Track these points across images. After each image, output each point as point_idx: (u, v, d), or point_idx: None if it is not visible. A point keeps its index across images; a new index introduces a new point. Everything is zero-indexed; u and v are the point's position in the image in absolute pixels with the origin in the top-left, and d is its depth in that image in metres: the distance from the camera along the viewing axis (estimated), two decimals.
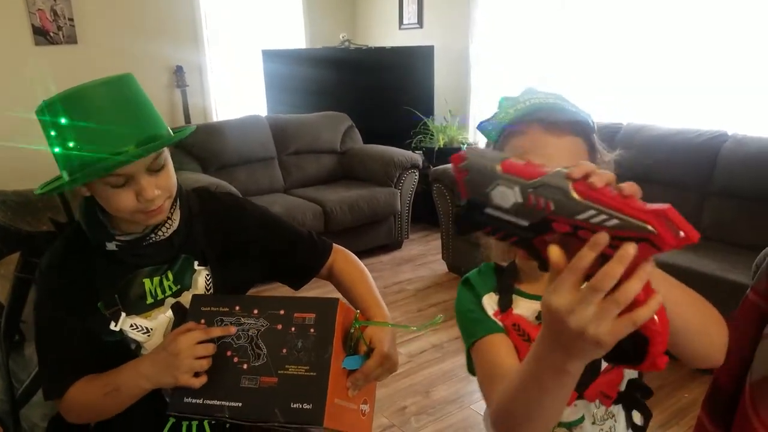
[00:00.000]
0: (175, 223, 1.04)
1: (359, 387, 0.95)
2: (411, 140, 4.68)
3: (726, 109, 3.27)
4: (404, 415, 2.31)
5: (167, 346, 0.92)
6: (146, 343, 1.02)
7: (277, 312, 0.94)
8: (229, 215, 1.12)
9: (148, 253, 1.03)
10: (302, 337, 0.91)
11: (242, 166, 4.03)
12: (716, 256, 2.64)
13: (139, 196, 0.94)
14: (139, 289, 1.02)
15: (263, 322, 0.93)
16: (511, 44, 4.44)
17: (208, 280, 1.07)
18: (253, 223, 1.14)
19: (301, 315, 0.93)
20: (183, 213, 1.06)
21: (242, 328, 0.94)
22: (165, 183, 0.97)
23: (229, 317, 0.95)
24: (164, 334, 1.02)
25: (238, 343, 0.93)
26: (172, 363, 0.90)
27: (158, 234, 1.02)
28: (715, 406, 0.94)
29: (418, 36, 5.17)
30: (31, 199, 1.14)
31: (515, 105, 0.86)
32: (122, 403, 0.97)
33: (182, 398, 0.92)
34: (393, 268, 3.82)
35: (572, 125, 0.84)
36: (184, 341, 0.91)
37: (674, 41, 3.47)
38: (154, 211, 0.97)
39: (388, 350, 0.96)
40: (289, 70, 4.90)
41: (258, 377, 0.90)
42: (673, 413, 2.27)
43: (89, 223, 1.01)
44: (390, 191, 4.04)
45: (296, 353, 0.90)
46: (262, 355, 0.91)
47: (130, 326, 1.00)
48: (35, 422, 1.12)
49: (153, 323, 1.02)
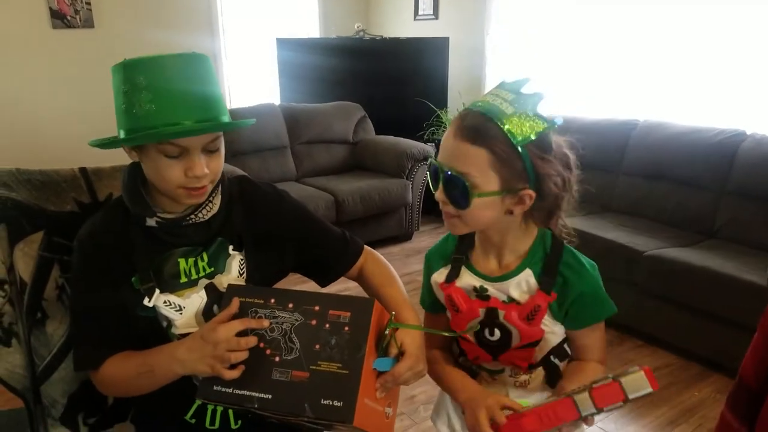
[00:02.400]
0: (215, 207, 1.05)
1: (387, 389, 0.95)
2: (423, 132, 4.67)
3: (745, 108, 3.24)
4: (413, 403, 2.32)
5: (205, 335, 0.92)
6: (177, 321, 1.03)
7: (311, 307, 0.93)
8: (268, 204, 1.13)
9: (186, 233, 1.04)
10: (336, 334, 0.90)
11: (255, 154, 4.04)
12: (730, 255, 2.61)
13: (188, 170, 0.95)
14: (173, 268, 1.03)
15: (297, 317, 0.93)
16: (527, 38, 4.41)
17: (242, 265, 1.07)
18: (291, 215, 1.15)
19: (336, 312, 0.92)
20: (223, 198, 1.07)
21: (276, 321, 0.94)
22: (215, 166, 0.99)
23: (263, 309, 0.95)
24: (196, 314, 1.03)
25: (272, 335, 0.93)
26: (210, 353, 0.90)
27: (198, 216, 1.03)
28: (739, 404, 0.93)
29: (433, 27, 5.15)
30: (55, 179, 1.15)
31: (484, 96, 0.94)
32: (154, 383, 0.99)
33: (212, 386, 0.92)
34: (403, 260, 3.82)
35: (473, 134, 0.90)
36: (223, 332, 0.90)
37: (694, 38, 3.44)
38: (197, 191, 0.98)
39: (419, 355, 0.96)
40: (303, 59, 4.90)
41: (290, 371, 0.90)
42: (682, 411, 2.27)
43: (132, 196, 1.02)
44: (402, 183, 4.04)
45: (329, 350, 0.89)
46: (294, 350, 0.91)
47: (163, 302, 1.01)
48: (55, 398, 1.13)
49: (186, 302, 1.03)
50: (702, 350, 2.55)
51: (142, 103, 0.90)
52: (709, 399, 2.35)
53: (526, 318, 1.00)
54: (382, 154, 4.22)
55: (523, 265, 1.01)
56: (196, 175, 0.95)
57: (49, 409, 1.13)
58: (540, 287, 0.99)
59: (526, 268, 1.01)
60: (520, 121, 0.89)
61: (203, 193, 1.00)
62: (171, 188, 0.97)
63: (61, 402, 1.14)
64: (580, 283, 0.99)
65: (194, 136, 0.93)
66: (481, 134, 0.89)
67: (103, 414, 1.19)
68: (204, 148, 0.96)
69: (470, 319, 1.04)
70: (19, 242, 1.10)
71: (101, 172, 1.20)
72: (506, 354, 1.04)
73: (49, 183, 1.14)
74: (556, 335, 1.04)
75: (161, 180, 0.97)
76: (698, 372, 2.52)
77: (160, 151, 0.94)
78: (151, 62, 0.91)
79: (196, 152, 0.95)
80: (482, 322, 1.03)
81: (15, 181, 1.11)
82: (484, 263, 1.05)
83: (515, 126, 0.89)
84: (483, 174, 0.91)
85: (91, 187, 1.18)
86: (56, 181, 1.15)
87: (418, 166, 4.11)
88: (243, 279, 1.07)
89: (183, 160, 0.95)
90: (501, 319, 1.01)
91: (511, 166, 0.90)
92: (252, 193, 1.13)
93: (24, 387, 1.12)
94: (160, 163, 0.95)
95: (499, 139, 0.89)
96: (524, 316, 1.00)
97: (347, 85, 4.66)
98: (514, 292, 1.01)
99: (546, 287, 0.99)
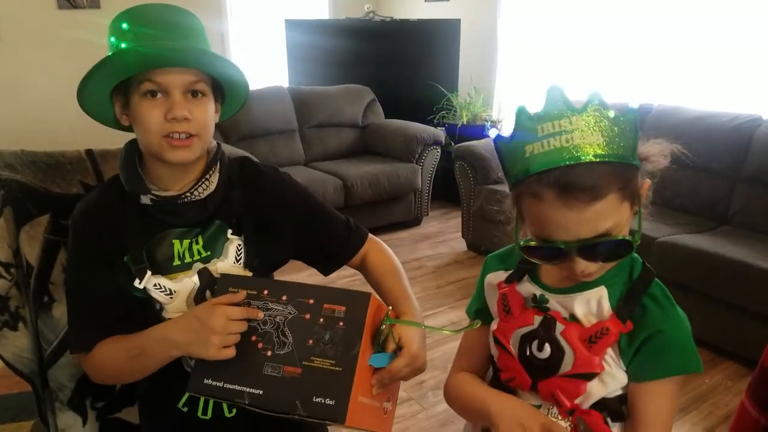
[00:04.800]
0: (212, 185, 1.02)
1: (384, 385, 0.92)
2: (434, 116, 4.62)
3: (762, 93, 3.17)
4: (422, 389, 2.32)
5: (201, 317, 0.90)
6: (168, 305, 1.00)
7: (306, 300, 0.90)
8: (271, 188, 1.10)
9: (180, 211, 1.01)
10: (330, 329, 0.87)
11: (263, 137, 4.02)
12: (744, 242, 2.58)
13: (168, 113, 0.92)
14: (167, 250, 1.01)
15: (291, 310, 0.90)
16: (540, 21, 4.34)
17: (239, 250, 1.04)
18: (294, 200, 1.11)
19: (331, 306, 0.89)
20: (222, 178, 1.04)
21: (269, 314, 0.91)
22: (200, 114, 0.95)
23: (256, 300, 0.92)
24: (187, 299, 1.01)
25: (264, 328, 0.90)
26: (206, 336, 0.88)
27: (194, 194, 1.00)
28: (760, 393, 0.91)
29: (445, 9, 5.07)
30: (61, 161, 1.13)
31: (530, 142, 0.77)
32: (147, 367, 0.97)
33: (202, 379, 0.90)
34: (412, 245, 3.79)
35: (593, 192, 0.74)
36: (220, 315, 0.88)
37: (711, 21, 3.36)
38: (180, 141, 0.94)
39: (418, 350, 0.92)
40: (312, 40, 4.85)
41: (281, 366, 0.87)
42: (693, 398, 2.25)
43: (127, 171, 1.00)
44: (411, 167, 4.01)
45: (323, 345, 0.86)
46: (287, 344, 0.88)
47: (153, 285, 0.98)
48: (63, 383, 1.13)
49: (177, 285, 1.00)
50: (713, 337, 2.52)
51: (124, 44, 0.90)
52: (720, 386, 2.33)
53: (588, 340, 0.83)
54: (392, 138, 4.18)
55: (599, 282, 0.85)
56: (176, 117, 0.92)
57: (56, 393, 1.12)
58: (615, 312, 0.83)
59: (602, 285, 0.85)
60: (615, 135, 0.76)
61: (189, 145, 0.95)
62: (155, 140, 0.94)
63: (69, 386, 1.13)
64: (663, 320, 0.82)
65: (171, 66, 0.92)
66: (602, 184, 0.75)
67: (111, 398, 1.19)
68: (186, 90, 0.94)
69: (521, 326, 0.89)
70: (24, 225, 1.09)
71: (108, 154, 1.18)
72: (550, 381, 0.85)
73: (54, 165, 1.12)
74: (615, 381, 0.84)
75: (145, 129, 0.94)
76: (709, 359, 2.49)
77: (141, 93, 0.92)
78: (136, 9, 0.93)
79: (177, 91, 0.93)
80: (533, 333, 0.87)
81: (20, 162, 1.09)
82: (552, 276, 0.90)
83: (619, 146, 0.76)
84: (618, 214, 0.77)
85: (97, 169, 1.16)
86: (62, 163, 1.13)
87: (428, 151, 4.07)
88: (240, 265, 1.04)
89: (164, 104, 0.93)
90: (557, 332, 0.85)
91: (632, 180, 0.79)
92: (253, 175, 1.10)
93: (31, 371, 1.11)
94: (142, 107, 0.93)
95: (617, 172, 0.76)
96: (586, 337, 0.83)
97: (357, 68, 4.61)
98: (579, 310, 0.85)
99: (622, 314, 0.82)
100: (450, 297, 3.11)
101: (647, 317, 0.82)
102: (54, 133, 4.27)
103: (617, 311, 0.82)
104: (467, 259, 3.61)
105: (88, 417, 1.15)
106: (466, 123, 4.49)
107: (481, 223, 3.55)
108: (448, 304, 3.03)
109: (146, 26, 0.91)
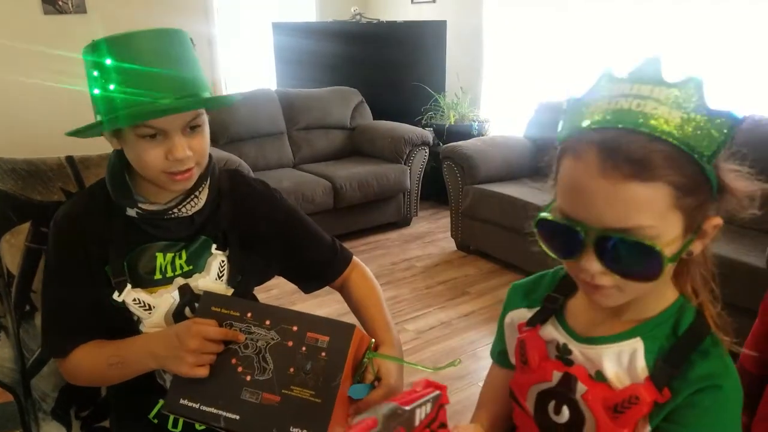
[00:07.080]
0: (200, 203, 1.01)
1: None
2: (421, 117, 4.63)
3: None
4: None
5: (180, 334, 0.90)
6: (146, 320, 0.99)
7: (290, 327, 0.89)
8: (259, 203, 1.09)
9: (167, 226, 1.00)
10: (312, 359, 0.87)
11: (252, 140, 4.00)
12: (729, 237, 2.58)
13: (169, 154, 0.90)
14: (150, 263, 1.00)
15: (274, 335, 0.89)
16: (526, 21, 4.35)
17: (222, 266, 1.03)
18: (281, 216, 1.10)
19: (315, 336, 0.88)
20: (210, 193, 1.03)
21: (251, 338, 0.90)
22: (198, 146, 0.94)
23: (239, 323, 0.91)
24: (165, 315, 1.00)
25: (245, 352, 0.89)
26: (181, 353, 0.88)
27: (181, 210, 0.99)
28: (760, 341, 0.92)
29: (431, 10, 5.08)
30: (41, 168, 1.12)
31: (598, 99, 0.66)
32: (124, 375, 0.97)
33: (178, 399, 0.89)
34: (401, 245, 3.79)
35: (638, 167, 0.60)
36: (196, 335, 0.88)
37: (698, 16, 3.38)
38: (181, 175, 0.93)
39: (396, 382, 0.94)
40: (300, 43, 4.84)
41: (260, 392, 0.86)
42: None
43: (115, 183, 0.98)
44: (400, 168, 4.01)
45: (303, 375, 0.86)
46: (267, 370, 0.88)
47: (132, 300, 0.97)
48: (46, 392, 1.12)
49: (156, 300, 0.99)
50: None
51: (112, 85, 0.86)
52: None
53: (613, 408, 0.68)
54: (380, 140, 4.18)
55: (635, 332, 0.71)
56: (177, 158, 0.90)
57: (39, 402, 1.12)
58: (651, 374, 0.68)
59: (638, 336, 0.71)
60: (698, 125, 0.61)
61: (189, 177, 0.95)
62: (154, 174, 0.93)
63: (52, 395, 1.12)
64: (723, 374, 0.68)
65: (169, 115, 0.88)
66: (654, 164, 0.60)
67: (96, 407, 1.18)
68: (184, 128, 0.91)
69: (537, 381, 0.77)
70: (5, 233, 1.08)
71: (88, 160, 1.17)
72: None
73: (35, 172, 1.11)
74: None
75: (143, 166, 0.93)
76: None
77: (138, 134, 0.90)
78: (118, 41, 0.87)
79: (176, 133, 0.91)
80: (550, 392, 0.75)
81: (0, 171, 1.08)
82: (580, 317, 0.77)
83: (695, 137, 0.60)
84: (662, 219, 0.62)
85: (78, 175, 1.15)
86: (42, 170, 1.12)
87: (416, 151, 4.08)
88: (222, 281, 1.03)
89: (163, 143, 0.90)
90: (578, 394, 0.72)
91: (698, 194, 0.63)
92: (243, 191, 1.09)
93: (13, 381, 1.10)
94: (140, 147, 0.91)
95: (679, 163, 0.61)
96: (612, 404, 0.69)
97: (344, 70, 4.61)
98: (609, 366, 0.70)
99: (660, 378, 0.67)
100: (440, 297, 3.11)
101: (694, 370, 0.67)
102: (34, 137, 4.23)
103: (654, 374, 0.67)
104: (456, 259, 3.62)
105: (72, 426, 1.15)
106: (453, 123, 4.49)
107: (470, 222, 3.56)
108: (438, 304, 3.03)
109: (134, 62, 0.86)
